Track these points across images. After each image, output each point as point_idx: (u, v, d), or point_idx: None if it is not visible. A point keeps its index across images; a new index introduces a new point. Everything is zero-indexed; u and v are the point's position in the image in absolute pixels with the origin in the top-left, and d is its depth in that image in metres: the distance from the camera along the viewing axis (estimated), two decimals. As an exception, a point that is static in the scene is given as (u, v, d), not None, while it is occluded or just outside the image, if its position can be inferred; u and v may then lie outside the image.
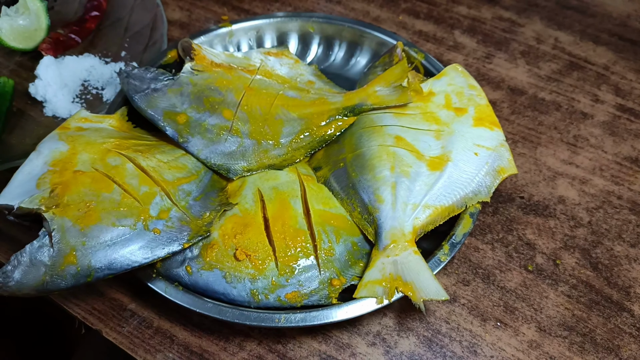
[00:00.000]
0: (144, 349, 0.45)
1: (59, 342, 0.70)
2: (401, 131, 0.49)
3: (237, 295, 0.43)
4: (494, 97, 0.61)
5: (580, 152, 0.57)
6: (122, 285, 0.48)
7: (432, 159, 0.47)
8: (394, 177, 0.46)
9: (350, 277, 0.44)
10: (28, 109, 0.61)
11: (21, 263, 0.39)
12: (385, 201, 0.45)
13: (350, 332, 0.46)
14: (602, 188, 0.54)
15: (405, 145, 0.48)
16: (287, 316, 0.41)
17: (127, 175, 0.44)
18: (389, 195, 0.45)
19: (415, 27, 0.68)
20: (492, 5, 0.70)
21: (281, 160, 0.50)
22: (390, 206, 0.45)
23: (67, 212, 0.41)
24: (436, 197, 0.45)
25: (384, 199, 0.45)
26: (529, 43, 0.66)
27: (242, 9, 0.72)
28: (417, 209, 0.45)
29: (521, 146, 0.57)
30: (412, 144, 0.48)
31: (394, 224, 0.44)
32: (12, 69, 0.64)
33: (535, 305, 0.47)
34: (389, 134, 0.49)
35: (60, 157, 0.44)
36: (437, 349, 0.45)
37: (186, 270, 0.43)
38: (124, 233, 0.41)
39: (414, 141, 0.48)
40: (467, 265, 0.49)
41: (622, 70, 0.63)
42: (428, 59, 0.57)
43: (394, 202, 0.45)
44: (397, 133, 0.49)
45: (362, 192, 0.47)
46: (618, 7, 0.70)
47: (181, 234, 0.43)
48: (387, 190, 0.46)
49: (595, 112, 0.60)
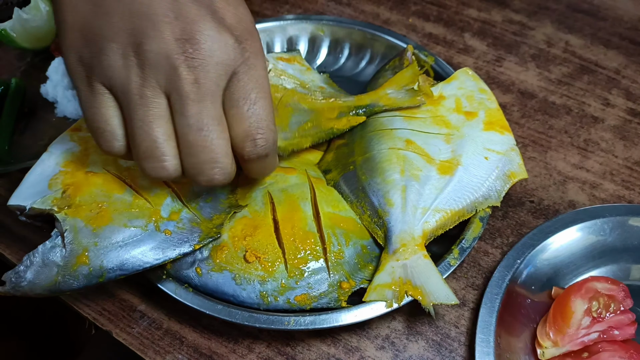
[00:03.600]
0: (154, 350, 0.45)
1: (66, 342, 0.70)
2: (411, 134, 0.49)
3: (246, 297, 0.43)
4: (504, 101, 0.61)
5: (590, 156, 0.56)
6: (132, 287, 0.48)
7: (442, 162, 0.47)
8: (404, 181, 0.46)
9: (360, 280, 0.44)
10: (39, 110, 0.61)
11: (34, 263, 0.39)
12: (395, 205, 0.45)
13: (359, 335, 0.46)
14: (613, 193, 0.54)
15: (415, 148, 0.48)
16: (296, 319, 0.41)
17: (138, 177, 0.44)
18: (399, 198, 0.45)
19: (425, 30, 0.68)
20: (503, 8, 0.70)
21: (287, 144, 0.49)
22: (400, 210, 0.45)
23: (79, 213, 0.41)
24: (446, 201, 0.45)
25: (393, 203, 0.45)
26: (540, 46, 0.66)
27: (252, 10, 0.71)
28: (427, 212, 0.45)
29: (531, 150, 0.57)
30: (422, 147, 0.48)
31: (404, 227, 0.44)
32: (24, 69, 0.65)
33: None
34: (399, 137, 0.49)
35: (72, 158, 0.45)
36: (446, 353, 0.45)
37: (196, 271, 0.43)
38: (135, 234, 0.41)
39: (424, 145, 0.48)
40: (476, 269, 0.49)
41: (633, 74, 0.63)
42: (438, 63, 0.57)
43: (404, 206, 0.45)
44: (407, 136, 0.49)
45: (372, 195, 0.47)
46: (629, 10, 0.69)
47: (192, 235, 0.43)
48: (397, 194, 0.46)
49: (606, 116, 0.60)
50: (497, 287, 0.45)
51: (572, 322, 0.42)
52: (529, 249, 0.46)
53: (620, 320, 0.43)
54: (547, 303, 0.46)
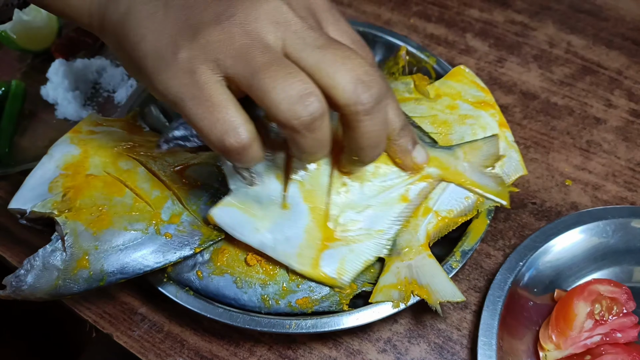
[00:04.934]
0: (155, 353, 0.45)
1: (66, 345, 0.70)
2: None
3: (247, 300, 0.43)
4: (506, 102, 0.61)
5: (593, 157, 0.56)
6: (133, 290, 0.48)
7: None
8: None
9: (362, 284, 0.44)
10: (40, 112, 0.61)
11: (34, 267, 0.39)
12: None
13: (361, 338, 0.46)
14: (615, 194, 0.54)
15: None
16: (297, 322, 0.41)
17: (138, 179, 0.44)
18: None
19: (427, 31, 0.68)
20: (504, 8, 0.70)
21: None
22: (402, 211, 0.45)
23: (79, 216, 0.41)
24: (448, 202, 0.45)
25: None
26: (542, 47, 0.66)
27: (252, 11, 0.72)
28: (429, 213, 0.45)
29: (533, 151, 0.57)
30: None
31: (407, 228, 0.44)
32: (25, 71, 0.65)
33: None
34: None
35: (72, 160, 0.44)
36: (448, 355, 0.45)
37: (197, 274, 0.43)
38: (136, 237, 0.41)
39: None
40: (478, 271, 0.49)
41: (635, 74, 0.63)
42: (439, 63, 0.57)
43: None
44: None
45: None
46: (632, 10, 0.69)
47: (193, 238, 0.43)
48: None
49: (608, 117, 0.59)
50: (499, 289, 0.45)
51: (574, 324, 0.42)
52: (531, 251, 0.46)
53: (623, 322, 0.43)
54: (549, 305, 0.46)
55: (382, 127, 0.34)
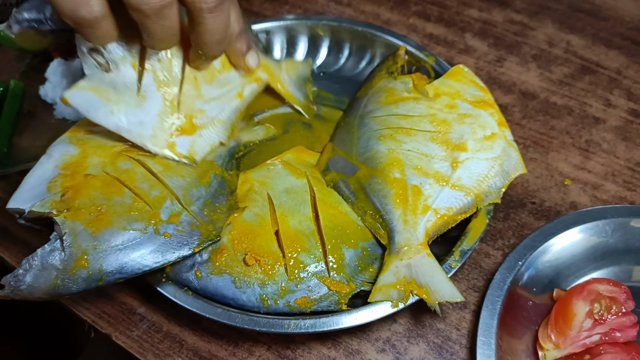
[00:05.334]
0: (153, 353, 0.45)
1: (65, 345, 0.70)
2: (409, 134, 0.49)
3: (246, 300, 0.43)
4: (505, 101, 0.61)
5: (592, 157, 0.56)
6: (132, 290, 0.48)
7: (440, 161, 0.47)
8: (403, 180, 0.46)
9: (360, 283, 0.44)
10: (38, 112, 0.61)
11: (33, 267, 0.39)
12: (397, 204, 0.45)
13: (360, 338, 0.46)
14: (615, 194, 0.54)
15: (413, 147, 0.48)
16: (296, 322, 0.41)
17: (137, 179, 0.44)
18: (400, 198, 0.45)
19: (426, 30, 0.68)
20: (504, 8, 0.70)
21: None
22: (401, 210, 0.45)
23: (78, 216, 0.41)
24: (447, 200, 0.45)
25: (394, 203, 0.45)
26: (541, 47, 0.66)
27: (251, 11, 0.72)
28: (428, 211, 0.45)
29: (532, 151, 0.57)
30: (420, 146, 0.48)
31: (407, 227, 0.44)
32: (23, 71, 0.65)
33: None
34: (396, 137, 0.49)
35: (71, 160, 0.44)
36: (447, 355, 0.45)
37: (195, 274, 0.43)
38: (134, 237, 0.41)
39: (421, 144, 0.48)
40: (477, 271, 0.49)
41: (634, 74, 0.63)
42: (439, 63, 0.57)
43: (406, 206, 0.45)
44: (404, 135, 0.49)
45: (372, 196, 0.47)
46: (631, 10, 0.69)
47: (191, 238, 0.43)
48: (398, 194, 0.46)
49: (608, 116, 0.59)
50: (498, 289, 0.44)
51: (573, 324, 0.42)
52: (530, 251, 0.46)
53: (622, 322, 0.43)
54: (548, 305, 0.46)
55: (224, 26, 0.40)
